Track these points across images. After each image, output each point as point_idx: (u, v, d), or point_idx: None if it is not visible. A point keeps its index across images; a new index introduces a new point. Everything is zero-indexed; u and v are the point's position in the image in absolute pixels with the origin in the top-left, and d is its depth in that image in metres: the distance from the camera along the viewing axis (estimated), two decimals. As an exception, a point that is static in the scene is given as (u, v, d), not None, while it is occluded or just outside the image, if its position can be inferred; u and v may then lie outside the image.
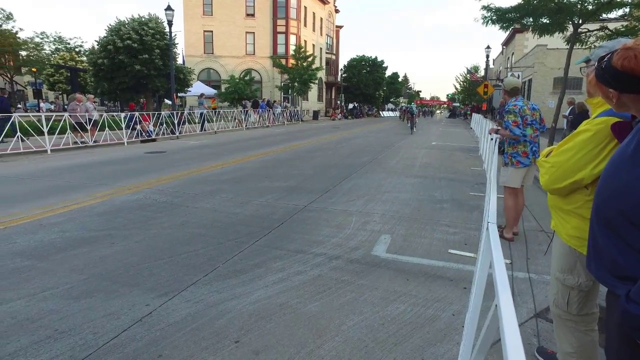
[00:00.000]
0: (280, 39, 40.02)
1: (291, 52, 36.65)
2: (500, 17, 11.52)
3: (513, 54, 39.36)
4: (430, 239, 4.75)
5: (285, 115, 30.87)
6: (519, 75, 27.46)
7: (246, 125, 24.25)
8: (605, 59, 1.37)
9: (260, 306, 3.07)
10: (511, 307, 0.73)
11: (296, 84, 34.33)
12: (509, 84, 5.02)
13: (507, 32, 18.25)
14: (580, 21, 10.66)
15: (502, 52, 47.97)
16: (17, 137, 11.62)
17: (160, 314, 2.93)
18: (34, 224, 4.97)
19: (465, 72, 56.63)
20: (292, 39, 39.73)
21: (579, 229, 1.85)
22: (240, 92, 30.22)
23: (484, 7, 11.62)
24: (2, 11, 30.14)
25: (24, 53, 33.64)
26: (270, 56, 39.00)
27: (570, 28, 11.04)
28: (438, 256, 4.19)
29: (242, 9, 39.49)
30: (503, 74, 40.86)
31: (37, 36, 35.06)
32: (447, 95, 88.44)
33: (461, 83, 61.83)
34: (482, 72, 54.24)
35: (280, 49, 39.75)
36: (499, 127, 5.18)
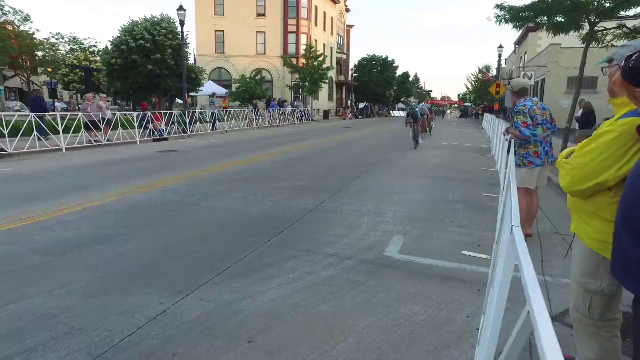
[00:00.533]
0: (291, 38, 40.09)
1: (302, 51, 36.69)
2: (514, 16, 11.35)
3: (526, 53, 38.90)
4: (443, 240, 4.71)
5: (295, 114, 30.91)
6: (532, 75, 27.12)
7: (257, 125, 24.34)
8: (633, 58, 1.33)
9: (274, 306, 3.08)
10: (546, 314, 0.71)
11: (307, 83, 34.39)
12: (517, 84, 4.95)
13: (521, 31, 18.05)
14: (596, 19, 10.47)
15: (514, 52, 47.41)
16: (34, 135, 11.82)
17: (174, 313, 2.95)
18: (51, 222, 5.05)
19: (477, 71, 56.14)
20: (303, 39, 39.77)
21: (602, 232, 1.81)
22: (251, 92, 30.35)
23: (498, 6, 11.47)
24: (20, 13, 30.76)
25: (40, 54, 34.22)
26: (281, 56, 39.11)
27: (587, 26, 10.84)
28: (451, 257, 4.15)
29: (253, 8, 39.64)
30: (515, 73, 40.38)
31: (53, 37, 35.68)
32: (459, 95, 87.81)
33: (473, 83, 61.31)
34: (494, 72, 53.68)
35: (291, 49, 39.82)
36: (510, 127, 5.12)
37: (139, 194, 6.61)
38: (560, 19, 10.96)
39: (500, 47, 28.74)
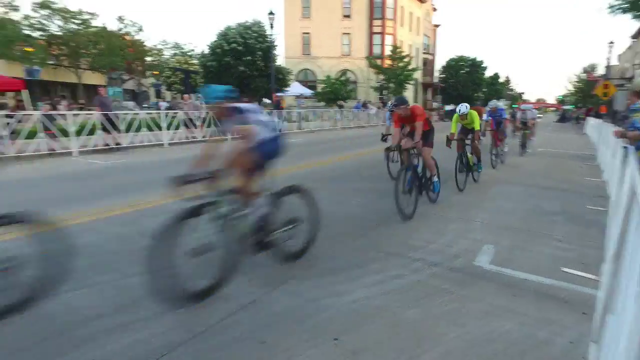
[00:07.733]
0: (376, 39, 39.87)
1: (387, 52, 36.30)
2: (633, 4, 10.04)
3: (644, 48, 34.25)
4: (539, 253, 4.36)
5: (379, 115, 30.66)
6: (650, 74, 23.80)
7: (341, 125, 24.59)
8: None
9: (359, 306, 3.09)
10: None
11: (392, 84, 33.95)
12: (638, 85, 4.31)
13: None
14: None
15: (630, 47, 41.94)
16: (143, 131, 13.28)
17: (263, 303, 3.10)
18: (160, 209, 5.57)
19: (582, 71, 50.83)
20: (388, 40, 39.33)
21: None
22: (336, 93, 30.76)
23: (613, -4, 10.29)
24: (136, 24, 34.80)
25: (149, 59, 38.28)
26: (366, 57, 39.05)
27: None
28: (548, 273, 3.81)
29: (339, 10, 40.10)
30: (630, 71, 35.81)
31: (160, 43, 39.78)
32: (557, 97, 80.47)
33: (574, 84, 55.66)
34: (600, 71, 48.16)
35: (376, 50, 39.60)
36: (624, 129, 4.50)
37: (230, 188, 7.04)
38: None
39: (611, 42, 25.77)
